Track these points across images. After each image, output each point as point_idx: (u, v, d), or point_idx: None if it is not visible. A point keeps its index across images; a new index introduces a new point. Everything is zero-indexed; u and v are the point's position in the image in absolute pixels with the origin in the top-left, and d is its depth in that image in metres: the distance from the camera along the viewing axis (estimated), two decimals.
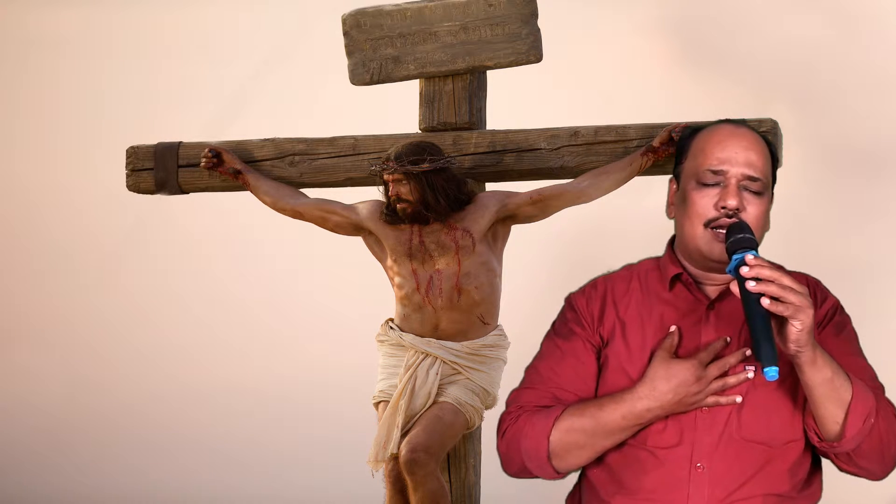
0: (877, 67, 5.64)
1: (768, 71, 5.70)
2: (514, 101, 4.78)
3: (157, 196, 4.34)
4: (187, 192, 4.30)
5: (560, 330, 2.78)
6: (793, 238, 5.47)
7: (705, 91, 5.60)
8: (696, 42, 5.86)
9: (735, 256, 2.49)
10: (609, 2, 5.89)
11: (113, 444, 6.45)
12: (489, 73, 4.14)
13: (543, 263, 5.48)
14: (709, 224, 2.64)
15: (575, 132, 3.98)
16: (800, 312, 2.44)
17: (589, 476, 2.70)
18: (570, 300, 2.82)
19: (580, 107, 5.08)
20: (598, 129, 3.96)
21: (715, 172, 2.65)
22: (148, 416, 6.41)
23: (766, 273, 2.44)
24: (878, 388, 2.67)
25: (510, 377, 3.52)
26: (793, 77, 5.69)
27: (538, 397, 2.73)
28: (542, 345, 2.82)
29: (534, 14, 4.01)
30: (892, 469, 2.67)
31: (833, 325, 2.71)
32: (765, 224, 2.72)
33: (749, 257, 2.47)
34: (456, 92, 4.09)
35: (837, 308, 2.75)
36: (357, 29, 4.14)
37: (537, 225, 3.99)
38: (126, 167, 4.30)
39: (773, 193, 2.76)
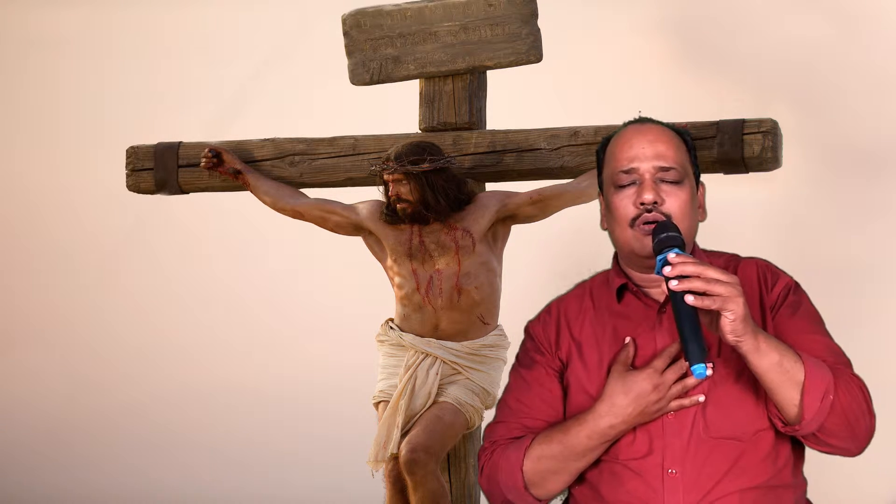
0: (877, 67, 5.64)
1: (768, 71, 5.70)
2: (514, 101, 4.78)
3: (157, 196, 4.34)
4: (187, 192, 4.31)
5: (523, 360, 2.79)
6: (793, 238, 5.47)
7: (705, 91, 5.60)
8: (696, 42, 5.86)
9: (659, 258, 2.48)
10: (609, 2, 5.89)
11: (113, 444, 6.45)
12: (489, 73, 4.14)
13: (543, 263, 5.47)
14: (633, 223, 2.63)
15: (575, 132, 3.98)
16: (728, 302, 2.43)
17: (574, 494, 2.71)
18: (527, 329, 2.83)
19: (580, 107, 5.07)
20: (598, 129, 3.96)
21: (627, 172, 2.64)
22: (148, 416, 6.41)
23: (688, 269, 2.43)
24: (842, 364, 2.64)
25: None
26: (793, 77, 5.69)
27: (509, 430, 2.73)
28: (509, 377, 2.83)
29: (534, 14, 4.02)
30: (865, 444, 2.65)
31: (787, 305, 2.69)
32: (693, 213, 2.69)
33: (671, 256, 2.46)
34: (456, 92, 4.09)
35: (791, 288, 2.72)
36: (357, 29, 4.14)
37: (537, 225, 3.99)
38: (126, 167, 4.30)
39: (698, 182, 2.74)
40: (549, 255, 5.53)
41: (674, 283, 2.42)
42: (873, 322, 5.14)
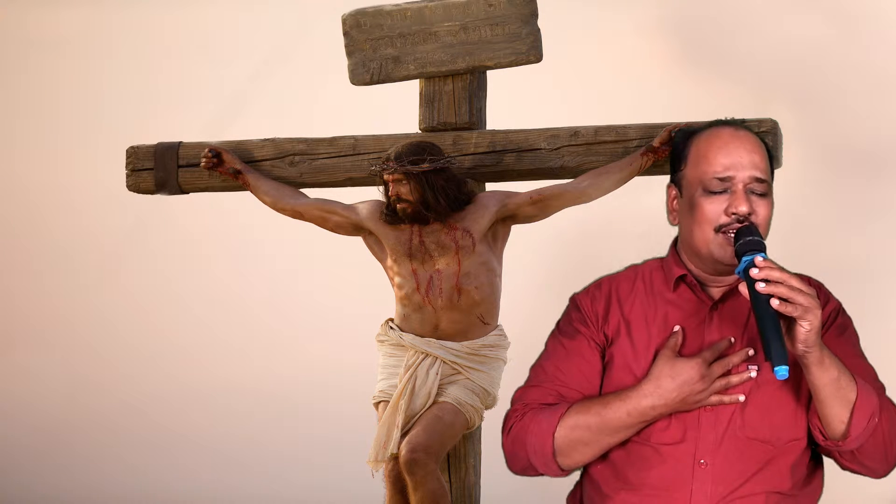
0: (877, 67, 5.64)
1: (768, 71, 5.70)
2: (514, 101, 4.78)
3: (157, 196, 4.34)
4: (187, 192, 4.30)
5: (565, 329, 2.81)
6: (793, 238, 5.47)
7: (705, 91, 5.61)
8: (696, 42, 5.86)
9: (744, 258, 2.53)
10: (609, 2, 5.89)
11: (113, 444, 6.45)
12: (489, 73, 4.14)
13: (543, 263, 5.48)
14: (720, 229, 2.67)
15: (575, 132, 3.98)
16: (808, 313, 2.47)
17: (591, 472, 2.73)
18: (574, 300, 2.85)
19: (580, 107, 5.08)
20: (598, 129, 3.96)
21: (722, 180, 2.68)
22: (148, 416, 6.41)
23: (775, 275, 2.48)
24: (879, 389, 2.70)
25: (510, 377, 3.52)
26: (793, 77, 5.70)
27: (543, 395, 2.76)
28: (546, 344, 2.85)
29: (534, 14, 4.02)
30: (893, 467, 2.70)
31: (836, 327, 2.75)
32: (770, 224, 2.76)
33: (759, 259, 2.51)
34: (456, 92, 4.09)
35: (840, 310, 2.79)
36: (357, 29, 4.14)
37: (537, 225, 3.99)
38: (126, 167, 4.30)
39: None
40: (549, 256, 5.54)
41: (761, 286, 2.46)
42: (873, 322, 5.13)
